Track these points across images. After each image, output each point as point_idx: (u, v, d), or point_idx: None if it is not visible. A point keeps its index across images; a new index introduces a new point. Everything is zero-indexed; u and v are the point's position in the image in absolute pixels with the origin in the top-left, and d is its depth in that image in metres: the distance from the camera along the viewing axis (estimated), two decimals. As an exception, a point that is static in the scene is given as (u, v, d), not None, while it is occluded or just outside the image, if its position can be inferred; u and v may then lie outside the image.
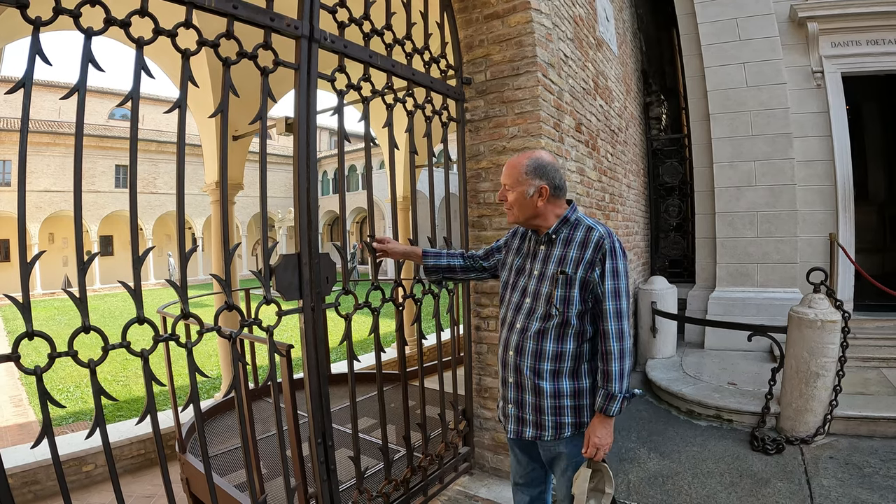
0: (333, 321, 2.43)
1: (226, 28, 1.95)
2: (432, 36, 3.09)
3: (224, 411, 4.42)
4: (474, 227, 3.49)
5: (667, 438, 4.29)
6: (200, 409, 2.09)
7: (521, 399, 2.00)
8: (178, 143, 1.79)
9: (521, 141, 3.24)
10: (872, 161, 8.31)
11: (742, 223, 6.67)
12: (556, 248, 1.97)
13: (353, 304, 2.54)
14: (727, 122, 6.75)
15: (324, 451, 2.39)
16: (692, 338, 6.87)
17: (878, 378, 5.07)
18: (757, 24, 6.65)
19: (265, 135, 2.14)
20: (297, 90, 2.25)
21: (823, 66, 6.51)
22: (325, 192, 35.71)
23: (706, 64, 6.90)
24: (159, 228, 31.04)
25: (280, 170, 31.35)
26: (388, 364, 6.38)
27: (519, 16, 3.23)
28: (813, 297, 4.17)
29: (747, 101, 6.64)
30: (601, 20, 5.01)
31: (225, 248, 2.09)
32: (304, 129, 2.26)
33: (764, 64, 6.61)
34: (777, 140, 6.50)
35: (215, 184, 5.77)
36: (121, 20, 1.64)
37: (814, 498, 3.26)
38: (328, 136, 41.27)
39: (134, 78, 1.70)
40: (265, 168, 2.16)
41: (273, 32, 2.12)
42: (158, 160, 29.64)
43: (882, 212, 8.14)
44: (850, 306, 6.01)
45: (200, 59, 1.73)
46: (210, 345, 8.80)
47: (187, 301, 1.94)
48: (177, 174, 1.83)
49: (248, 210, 32.84)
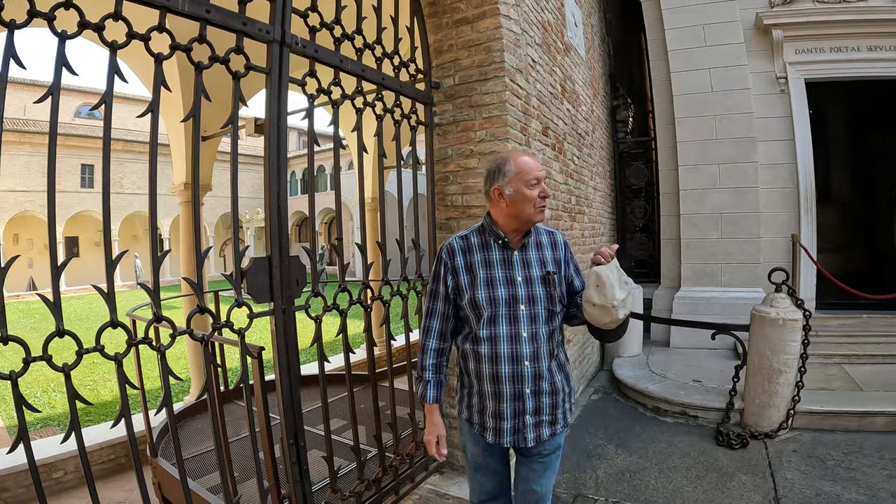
0: (303, 323, 2.48)
1: (198, 32, 1.99)
2: (402, 40, 3.17)
3: (194, 414, 4.43)
4: (442, 230, 3.58)
5: (634, 435, 4.42)
6: (174, 413, 2.14)
7: (539, 405, 1.98)
8: (151, 148, 1.83)
9: (489, 145, 3.34)
10: (836, 164, 8.66)
11: (707, 224, 6.92)
12: (531, 252, 2.01)
13: (323, 306, 2.60)
14: (693, 125, 6.99)
15: (296, 451, 2.44)
16: (658, 336, 7.09)
17: (841, 374, 5.31)
18: (723, 31, 6.91)
19: (236, 140, 2.18)
20: (268, 95, 2.30)
21: (787, 72, 6.80)
22: (294, 192, 35.57)
23: (673, 69, 7.13)
24: (126, 229, 30.43)
25: (249, 170, 31.03)
26: (357, 365, 6.42)
27: (488, 21, 3.33)
28: (775, 296, 4.36)
29: (713, 106, 6.88)
30: (569, 25, 5.16)
31: (197, 251, 2.13)
32: (274, 133, 2.31)
33: (729, 69, 6.87)
34: (741, 144, 6.77)
35: (184, 185, 5.75)
36: (95, 24, 1.68)
37: (778, 490, 3.41)
38: (297, 136, 40.99)
39: (107, 82, 1.73)
40: (236, 172, 2.19)
41: (245, 37, 2.16)
42: (125, 159, 29.03)
43: (845, 213, 8.49)
44: (812, 305, 6.26)
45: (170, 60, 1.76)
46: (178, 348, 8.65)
47: (160, 304, 1.98)
48: (149, 179, 1.87)
49: (215, 210, 32.42)
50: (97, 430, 4.73)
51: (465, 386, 2.08)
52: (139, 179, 29.58)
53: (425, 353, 2.03)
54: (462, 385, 2.11)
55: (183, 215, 6.07)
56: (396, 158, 3.27)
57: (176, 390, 7.23)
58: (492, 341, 1.94)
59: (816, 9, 6.64)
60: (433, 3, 3.49)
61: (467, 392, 2.07)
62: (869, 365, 5.52)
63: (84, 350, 1.72)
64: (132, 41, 1.78)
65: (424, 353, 2.03)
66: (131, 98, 30.94)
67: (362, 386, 4.81)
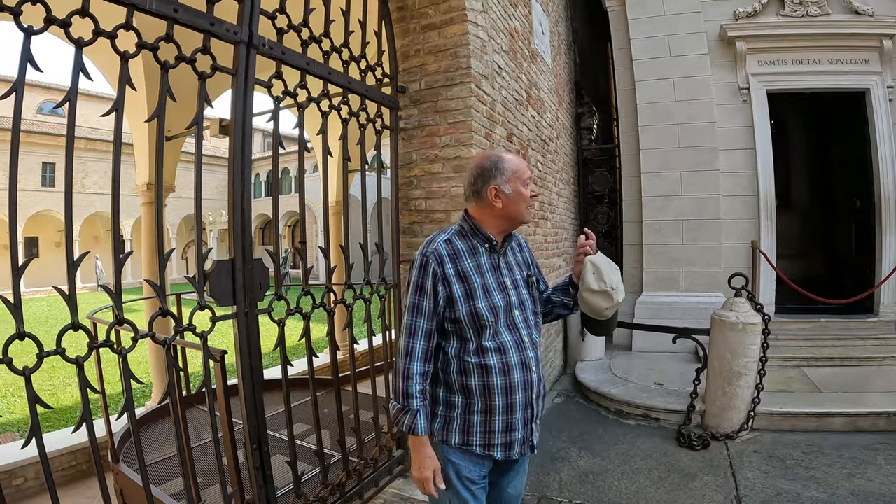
0: (266, 326, 2.51)
1: (165, 31, 2.00)
2: (370, 45, 3.22)
3: (156, 419, 4.38)
4: (405, 234, 3.64)
5: (597, 437, 4.53)
6: (136, 418, 2.14)
7: (540, 409, 1.97)
8: (115, 148, 1.85)
9: (453, 150, 3.42)
10: (796, 173, 9.00)
11: (669, 231, 7.13)
12: (510, 255, 1.98)
13: (286, 310, 2.61)
14: (656, 133, 7.21)
15: (260, 456, 2.46)
16: (620, 341, 7.27)
17: (800, 376, 5.53)
18: (688, 42, 7.15)
19: (201, 141, 2.20)
20: (233, 96, 2.32)
21: (750, 83, 7.08)
22: (258, 194, 35.29)
23: (637, 78, 7.34)
24: (87, 230, 29.70)
25: (212, 171, 30.62)
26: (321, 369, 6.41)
27: (455, 27, 3.41)
28: (735, 300, 4.53)
29: (676, 115, 7.11)
30: (536, 33, 5.29)
31: (159, 253, 2.15)
32: (239, 134, 2.33)
33: (693, 79, 7.11)
34: (704, 152, 7.01)
35: (147, 185, 5.70)
36: (61, 20, 1.69)
37: (739, 490, 3.55)
38: (261, 138, 40.58)
39: (72, 79, 1.74)
40: (200, 173, 2.22)
41: (212, 37, 2.17)
42: (87, 158, 28.35)
43: (805, 220, 8.83)
44: (771, 309, 6.48)
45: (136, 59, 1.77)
46: (140, 352, 8.49)
47: (122, 307, 1.99)
48: (112, 179, 1.87)
49: (178, 212, 31.90)
50: (57, 435, 4.64)
51: (458, 406, 1.86)
52: (101, 179, 28.95)
53: (409, 379, 1.79)
54: (450, 406, 1.88)
55: (145, 216, 6.02)
56: (361, 162, 3.32)
57: (137, 395, 7.10)
58: (501, 351, 1.83)
59: (780, 22, 6.93)
60: (401, 7, 3.56)
61: (461, 412, 1.86)
62: (827, 367, 5.74)
63: (45, 353, 1.71)
64: (98, 38, 1.78)
65: (408, 379, 1.79)
66: (95, 95, 30.31)
67: (326, 390, 4.82)
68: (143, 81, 4.88)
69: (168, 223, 30.76)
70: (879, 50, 6.71)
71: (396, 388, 1.81)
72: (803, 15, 6.84)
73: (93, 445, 1.98)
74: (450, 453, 1.88)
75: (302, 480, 2.74)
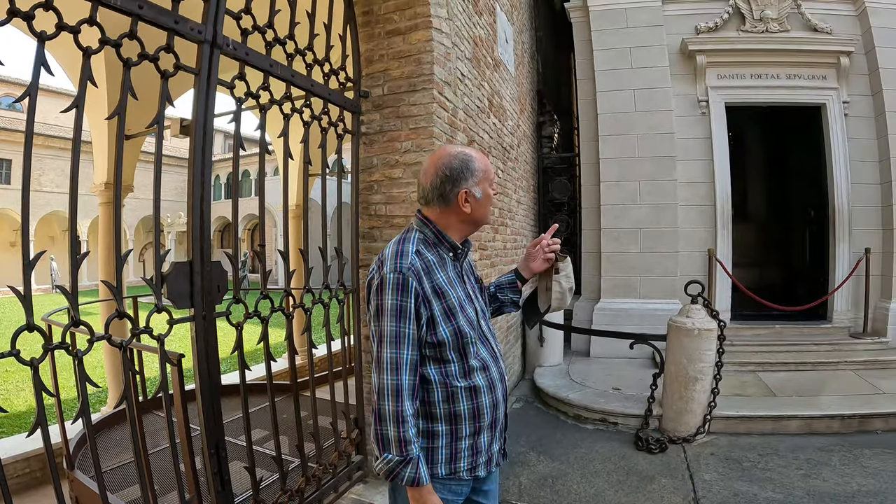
0: (224, 330, 2.51)
1: (129, 28, 2.00)
2: (334, 48, 3.28)
3: (112, 425, 4.33)
4: (365, 239, 3.69)
5: (555, 442, 4.63)
6: (92, 423, 2.12)
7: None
8: (74, 145, 1.84)
9: (414, 155, 3.49)
10: (753, 183, 9.36)
11: (627, 239, 7.31)
12: (465, 261, 1.84)
13: (244, 313, 2.62)
14: (616, 143, 7.40)
15: (217, 462, 2.46)
16: (578, 346, 7.42)
17: (755, 381, 5.75)
18: (649, 54, 7.38)
19: (161, 140, 2.21)
20: (196, 96, 2.34)
21: (709, 95, 7.35)
22: (217, 197, 34.86)
23: (599, 88, 7.53)
24: (43, 229, 28.83)
25: (172, 172, 30.04)
26: (279, 374, 6.39)
27: (420, 34, 3.49)
28: (691, 307, 4.69)
29: (636, 125, 7.33)
30: (500, 41, 5.41)
31: (116, 254, 2.14)
32: (200, 135, 2.34)
33: (654, 91, 7.34)
34: (662, 162, 7.24)
35: (105, 184, 5.62)
36: (25, 12, 1.68)
37: (697, 491, 3.67)
38: (223, 139, 40.01)
39: (33, 73, 1.73)
40: (160, 174, 2.23)
41: (176, 35, 2.19)
42: (44, 155, 27.56)
43: (761, 230, 9.18)
44: (727, 316, 6.72)
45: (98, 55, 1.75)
46: (95, 355, 8.32)
47: (78, 308, 1.97)
48: (70, 178, 1.87)
49: (136, 213, 31.31)
50: (11, 441, 4.53)
51: (442, 435, 1.67)
52: (58, 177, 28.09)
53: (404, 423, 1.53)
54: (433, 437, 1.67)
55: (103, 217, 5.91)
56: (322, 166, 3.35)
57: (93, 400, 6.96)
58: (485, 369, 1.71)
59: (740, 37, 7.23)
60: (367, 12, 3.61)
61: (447, 441, 1.67)
62: (782, 372, 6.00)
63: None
64: (62, 33, 1.78)
65: (403, 423, 1.53)
66: (54, 91, 29.52)
67: (284, 395, 4.81)
68: (104, 78, 4.81)
69: (126, 224, 30.06)
70: (836, 66, 7.06)
71: (387, 436, 1.54)
72: (763, 31, 7.16)
73: (48, 451, 1.97)
74: (438, 491, 1.64)
75: (260, 486, 2.75)
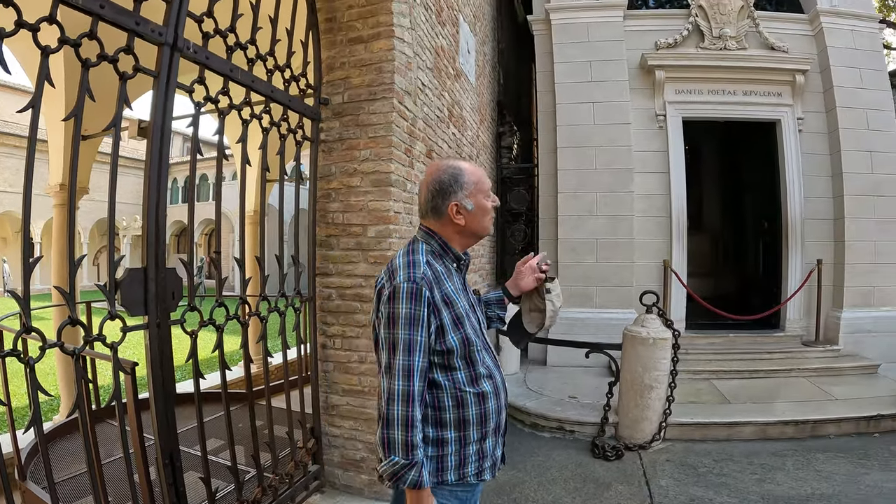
0: (179, 338, 2.50)
1: (90, 27, 2.00)
2: (295, 54, 3.32)
3: (65, 434, 4.25)
4: (322, 247, 3.71)
5: (512, 450, 4.66)
6: (44, 432, 2.09)
7: None
8: (29, 145, 1.83)
9: (373, 164, 3.53)
10: (709, 196, 9.74)
11: (584, 249, 7.51)
12: (466, 273, 1.92)
13: (199, 321, 2.61)
14: (574, 155, 7.60)
15: (172, 473, 2.46)
16: (535, 355, 7.58)
17: (709, 388, 5.96)
18: (609, 68, 7.62)
19: (118, 142, 2.20)
20: (154, 98, 2.34)
21: (667, 110, 7.63)
22: (174, 200, 34.19)
23: (559, 101, 7.73)
24: None
25: (128, 174, 29.23)
26: (234, 383, 6.32)
27: (382, 42, 3.54)
28: (646, 317, 4.86)
29: (594, 138, 7.54)
30: (462, 52, 5.51)
31: (70, 258, 2.11)
32: (158, 138, 2.34)
33: (612, 104, 7.58)
34: (620, 174, 7.46)
35: (59, 185, 5.50)
36: None
37: (653, 497, 3.80)
38: (181, 142, 39.24)
39: None
40: (115, 176, 2.21)
41: (137, 37, 2.19)
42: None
43: (716, 241, 9.56)
44: (682, 325, 6.98)
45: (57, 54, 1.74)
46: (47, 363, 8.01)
47: (30, 314, 1.95)
48: (24, 178, 1.86)
49: (91, 216, 30.22)
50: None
51: (451, 442, 1.71)
52: (12, 176, 26.93)
53: (413, 428, 1.58)
54: (442, 444, 1.71)
55: (57, 219, 5.77)
56: (280, 173, 3.37)
57: (45, 408, 6.73)
58: (490, 376, 1.78)
59: (699, 54, 7.55)
60: (330, 19, 3.66)
61: (456, 447, 1.72)
62: (736, 380, 6.23)
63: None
64: (20, 30, 1.78)
65: (412, 428, 1.58)
66: (12, 87, 28.48)
67: (240, 404, 4.77)
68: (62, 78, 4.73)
69: (80, 227, 29.13)
70: (792, 84, 7.44)
71: (394, 440, 1.57)
72: (721, 48, 7.49)
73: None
74: (445, 498, 1.71)
75: (216, 497, 2.75)
